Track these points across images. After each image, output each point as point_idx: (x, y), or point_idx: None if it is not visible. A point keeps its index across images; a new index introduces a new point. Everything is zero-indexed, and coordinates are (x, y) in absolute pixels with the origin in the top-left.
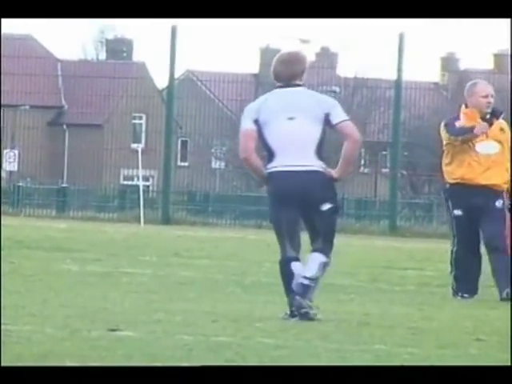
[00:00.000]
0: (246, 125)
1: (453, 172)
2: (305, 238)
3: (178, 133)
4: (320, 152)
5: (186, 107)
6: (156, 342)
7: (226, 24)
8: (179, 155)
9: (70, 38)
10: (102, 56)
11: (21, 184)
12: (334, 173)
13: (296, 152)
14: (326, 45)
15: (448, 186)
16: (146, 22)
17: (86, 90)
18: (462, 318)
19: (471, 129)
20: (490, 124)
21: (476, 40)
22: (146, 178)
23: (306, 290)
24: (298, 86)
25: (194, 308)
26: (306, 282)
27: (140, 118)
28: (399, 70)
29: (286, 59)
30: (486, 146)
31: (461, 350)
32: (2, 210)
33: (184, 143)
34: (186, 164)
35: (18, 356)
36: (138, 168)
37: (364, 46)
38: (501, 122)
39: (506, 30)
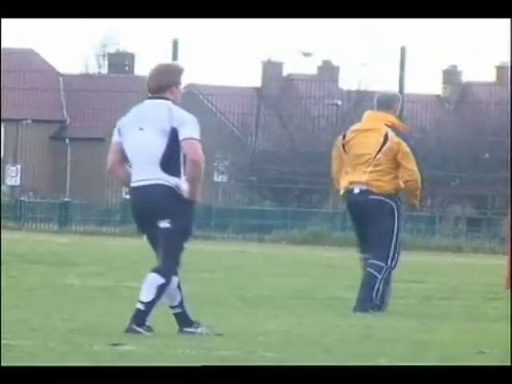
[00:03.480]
0: (113, 137)
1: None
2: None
3: None
4: (168, 166)
5: None
6: (158, 356)
7: (227, 37)
8: (181, 169)
9: (71, 52)
10: (104, 70)
11: (23, 198)
12: (184, 192)
13: (143, 164)
14: (328, 58)
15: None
16: (147, 35)
17: (88, 104)
18: (464, 330)
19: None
20: None
21: (478, 52)
22: None
23: (140, 315)
24: (162, 98)
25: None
26: (141, 306)
27: None
28: (401, 82)
29: (152, 72)
30: None
31: (463, 363)
32: (3, 224)
33: (186, 157)
34: None
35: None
36: None
37: (366, 59)
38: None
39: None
